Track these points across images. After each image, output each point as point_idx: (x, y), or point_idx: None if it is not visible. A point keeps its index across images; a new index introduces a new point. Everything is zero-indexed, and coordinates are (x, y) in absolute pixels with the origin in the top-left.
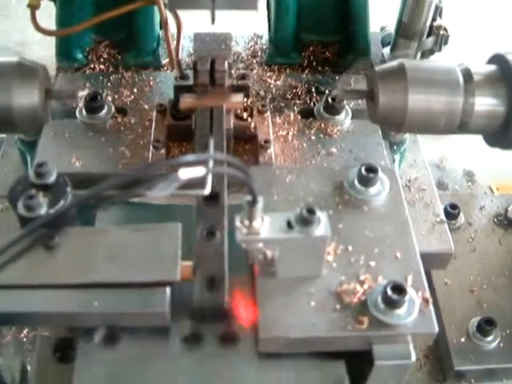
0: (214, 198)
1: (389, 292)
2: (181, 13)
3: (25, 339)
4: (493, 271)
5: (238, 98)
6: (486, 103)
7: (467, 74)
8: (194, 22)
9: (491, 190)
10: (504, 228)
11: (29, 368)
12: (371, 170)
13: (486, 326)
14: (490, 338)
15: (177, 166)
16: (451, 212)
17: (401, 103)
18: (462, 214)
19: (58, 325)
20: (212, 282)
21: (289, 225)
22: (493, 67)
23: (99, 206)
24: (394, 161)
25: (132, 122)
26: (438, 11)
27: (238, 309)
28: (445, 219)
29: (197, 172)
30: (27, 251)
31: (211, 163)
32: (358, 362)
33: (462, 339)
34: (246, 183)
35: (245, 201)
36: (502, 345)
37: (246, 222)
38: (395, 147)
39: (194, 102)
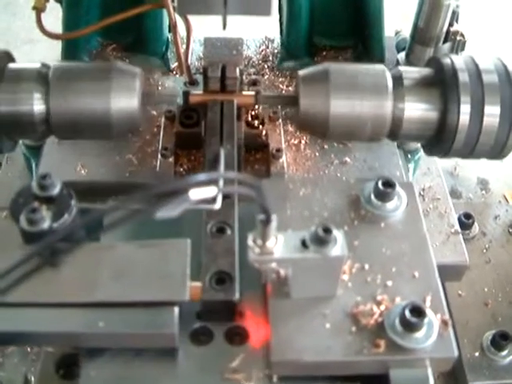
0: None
1: (407, 314)
2: (191, 16)
3: (29, 349)
4: (508, 283)
5: (249, 92)
6: (417, 108)
7: (397, 78)
8: (205, 25)
9: (505, 198)
10: None
11: (32, 379)
12: (389, 184)
13: (500, 340)
14: (504, 353)
15: (188, 187)
16: (465, 222)
17: (323, 108)
18: (476, 223)
19: (62, 345)
20: (222, 279)
21: (304, 244)
22: (427, 70)
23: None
24: (408, 169)
25: (140, 128)
26: (455, 16)
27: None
28: (459, 230)
29: (208, 192)
30: (31, 268)
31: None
32: None
33: (476, 353)
34: (259, 202)
35: (258, 220)
36: None
37: (259, 242)
38: (409, 156)
39: (204, 97)
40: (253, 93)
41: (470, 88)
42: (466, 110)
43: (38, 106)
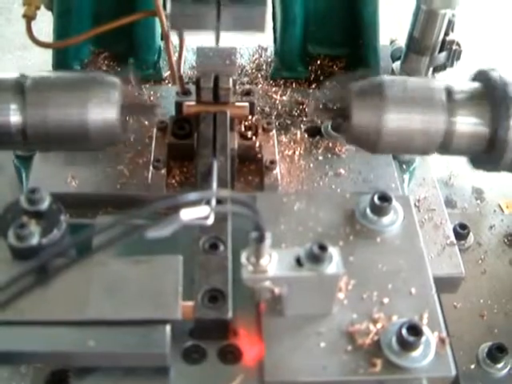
0: None
1: (404, 333)
2: None
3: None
4: (504, 294)
5: (242, 104)
6: (468, 123)
7: (449, 92)
8: (197, 34)
9: (501, 208)
10: None
11: None
12: (385, 198)
13: (496, 352)
14: (500, 365)
15: (179, 206)
16: (460, 232)
17: (375, 123)
18: (471, 234)
19: (52, 364)
20: (215, 296)
21: (298, 262)
22: (476, 85)
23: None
24: (403, 181)
25: (131, 139)
26: (451, 25)
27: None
28: (455, 241)
29: (200, 212)
30: (20, 286)
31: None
32: None
33: (472, 366)
34: (253, 220)
35: (251, 237)
36: None
37: (253, 260)
38: (404, 166)
39: (198, 108)
40: (246, 104)
41: None
42: None
43: (14, 117)
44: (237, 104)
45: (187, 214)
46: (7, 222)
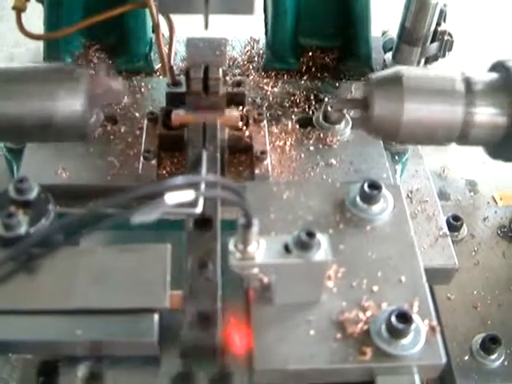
0: (205, 223)
1: (393, 321)
2: (174, 16)
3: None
4: (497, 286)
5: (233, 112)
6: (487, 113)
7: (467, 83)
8: (189, 25)
9: (494, 200)
10: (508, 240)
11: None
12: (375, 186)
13: (490, 343)
14: (494, 357)
15: (166, 190)
16: (454, 224)
17: (396, 112)
18: (464, 225)
19: (39, 353)
20: (203, 319)
21: (286, 249)
22: (494, 75)
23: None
24: (395, 171)
25: (122, 130)
26: (443, 16)
27: (231, 343)
28: (448, 233)
29: (185, 196)
30: (6, 274)
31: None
32: None
33: (466, 357)
34: (240, 206)
35: (239, 224)
36: (506, 363)
37: (241, 247)
38: (397, 157)
39: (187, 118)
40: (237, 113)
41: None
42: None
43: None
44: (227, 113)
45: (172, 199)
46: None
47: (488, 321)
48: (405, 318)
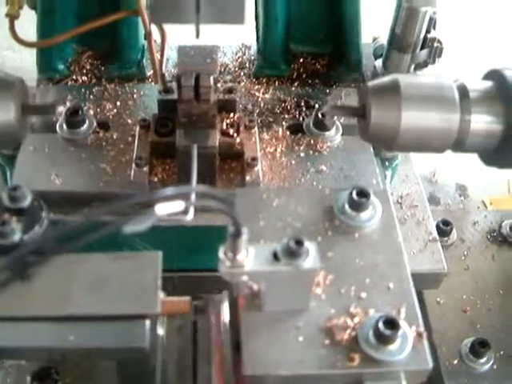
0: None
1: (381, 327)
2: (167, 24)
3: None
4: (486, 290)
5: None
6: (482, 121)
7: (463, 91)
8: (181, 32)
9: (484, 204)
10: (498, 244)
11: None
12: (363, 194)
13: (479, 347)
14: (483, 360)
15: (156, 201)
16: (443, 229)
17: (393, 120)
18: (454, 230)
19: (33, 359)
20: None
21: (275, 257)
22: (489, 83)
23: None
24: (385, 177)
25: (114, 137)
26: (432, 23)
27: None
28: (437, 237)
29: (175, 207)
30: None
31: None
32: None
33: (455, 361)
34: (230, 216)
35: (228, 233)
36: (495, 367)
37: (230, 255)
38: (387, 163)
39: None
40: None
41: None
42: None
43: None
44: None
45: (162, 209)
46: None
47: (477, 325)
48: (392, 324)
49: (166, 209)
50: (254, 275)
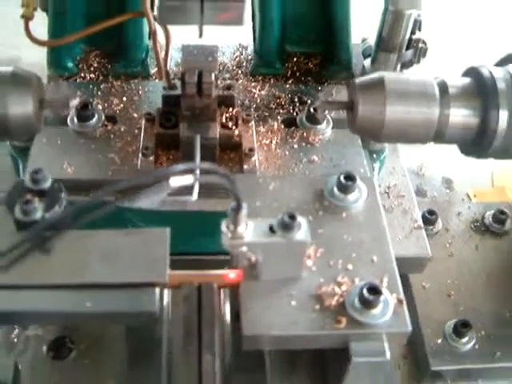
0: None
1: (365, 293)
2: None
3: (16, 339)
4: (470, 275)
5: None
6: (460, 114)
7: (443, 87)
8: (183, 32)
9: (469, 197)
10: (480, 234)
11: (20, 367)
12: (350, 178)
13: (461, 328)
14: (465, 340)
15: (166, 176)
16: (429, 218)
17: (379, 114)
18: (439, 219)
19: (53, 323)
20: None
21: (271, 230)
22: (467, 80)
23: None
24: (373, 169)
25: (121, 130)
26: (417, 25)
27: None
28: (422, 225)
29: (186, 180)
30: (25, 254)
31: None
32: (336, 366)
33: (439, 341)
34: (231, 190)
35: (230, 207)
36: (477, 346)
37: (231, 227)
38: (375, 155)
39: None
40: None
41: (507, 96)
42: (504, 116)
43: None
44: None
45: (175, 182)
46: (14, 199)
47: (461, 307)
48: (375, 290)
49: (178, 182)
50: (253, 246)
